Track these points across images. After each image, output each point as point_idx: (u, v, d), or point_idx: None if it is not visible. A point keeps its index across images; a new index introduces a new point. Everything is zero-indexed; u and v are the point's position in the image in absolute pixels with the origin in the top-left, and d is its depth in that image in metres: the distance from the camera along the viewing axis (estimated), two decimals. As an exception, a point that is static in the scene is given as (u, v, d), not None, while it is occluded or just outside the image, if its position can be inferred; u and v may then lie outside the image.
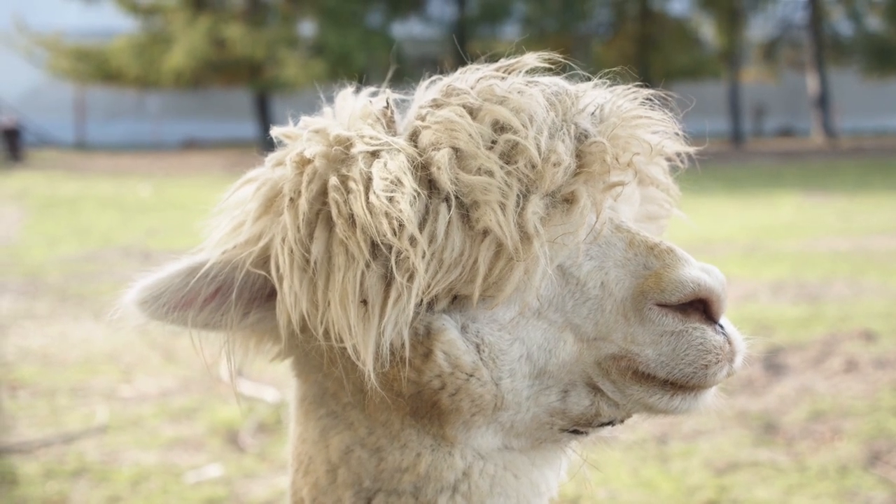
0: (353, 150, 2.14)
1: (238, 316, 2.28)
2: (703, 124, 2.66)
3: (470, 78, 2.25)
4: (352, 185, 2.08)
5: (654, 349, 2.09)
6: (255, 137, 51.24)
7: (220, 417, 8.84)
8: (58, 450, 8.09)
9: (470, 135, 2.06)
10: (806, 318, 12.31)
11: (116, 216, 25.06)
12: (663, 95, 2.33)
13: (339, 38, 46.18)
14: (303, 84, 43.23)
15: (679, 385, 2.12)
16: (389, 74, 2.52)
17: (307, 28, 51.55)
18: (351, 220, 2.06)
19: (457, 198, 2.04)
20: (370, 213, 2.03)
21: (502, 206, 2.00)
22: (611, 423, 2.22)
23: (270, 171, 2.33)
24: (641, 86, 2.33)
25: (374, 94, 2.41)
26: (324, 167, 2.15)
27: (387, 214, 2.01)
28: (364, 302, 2.06)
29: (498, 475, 2.28)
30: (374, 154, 2.11)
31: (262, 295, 2.29)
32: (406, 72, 2.47)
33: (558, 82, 2.24)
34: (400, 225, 2.00)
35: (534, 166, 2.04)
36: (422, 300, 2.05)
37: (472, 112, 2.11)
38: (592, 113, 2.17)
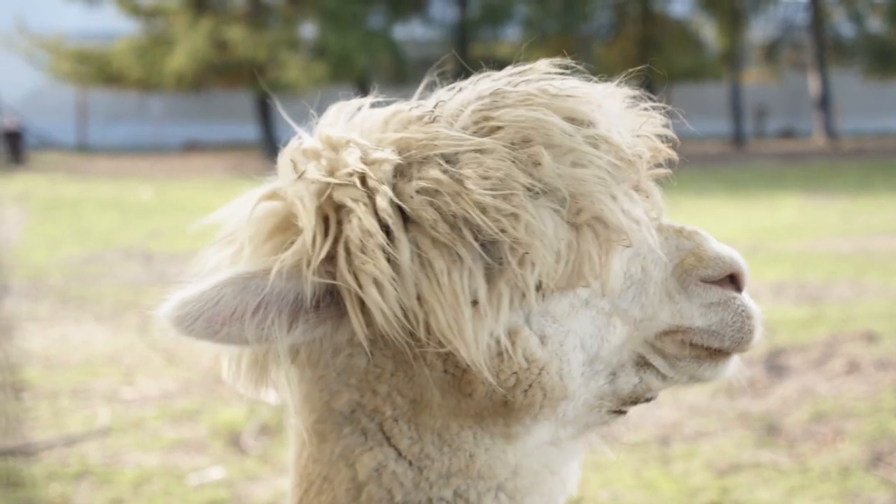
0: (425, 154, 2.12)
1: (286, 328, 2.15)
2: (704, 125, 2.67)
3: (502, 81, 2.27)
4: (441, 187, 2.06)
5: (703, 320, 2.27)
6: (257, 140, 51.28)
7: (222, 419, 8.84)
8: (60, 452, 8.09)
9: (560, 130, 2.09)
10: (808, 320, 12.30)
11: (118, 218, 25.08)
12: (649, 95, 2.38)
13: (341, 40, 46.16)
14: (304, 86, 43.22)
15: (723, 351, 2.30)
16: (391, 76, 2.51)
17: (308, 30, 51.53)
18: (453, 221, 2.04)
19: (555, 191, 2.06)
20: (483, 211, 2.02)
21: (608, 194, 2.07)
22: (652, 398, 2.35)
23: (314, 176, 2.18)
24: (642, 87, 2.35)
25: (378, 103, 2.40)
26: (391, 172, 2.11)
27: (503, 211, 2.01)
28: (475, 302, 2.05)
29: (538, 471, 2.32)
30: (454, 157, 2.10)
31: (306, 307, 2.16)
32: (407, 73, 2.45)
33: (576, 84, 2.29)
34: (518, 218, 2.01)
35: (621, 157, 2.12)
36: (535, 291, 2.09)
37: (548, 108, 2.14)
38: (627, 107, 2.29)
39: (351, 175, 2.11)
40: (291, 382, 2.36)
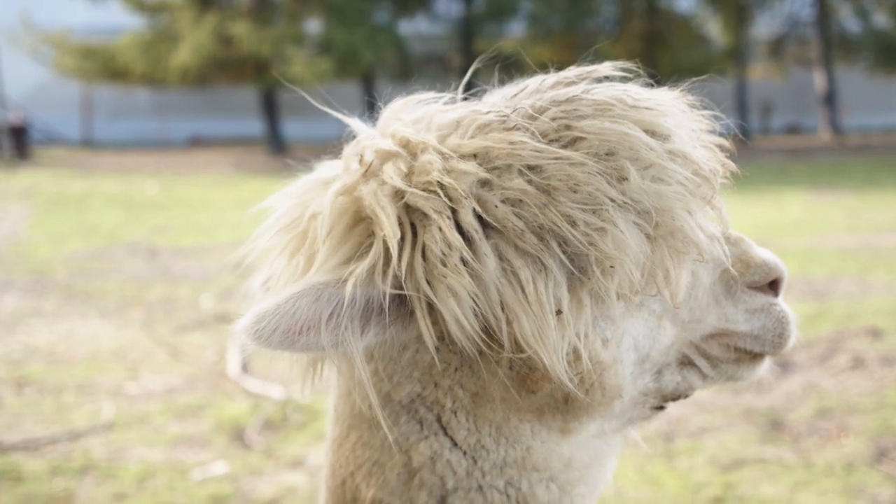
0: (506, 163, 2.10)
1: (359, 334, 2.15)
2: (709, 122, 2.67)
3: (565, 88, 2.26)
4: (526, 198, 2.06)
5: (747, 325, 2.37)
6: (262, 135, 51.31)
7: (226, 415, 8.85)
8: (64, 447, 8.10)
9: (647, 145, 2.10)
10: (813, 316, 12.28)
11: (123, 214, 25.10)
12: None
13: (346, 35, 46.16)
14: (309, 81, 43.22)
15: (761, 354, 2.42)
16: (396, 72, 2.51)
17: (313, 25, 51.52)
18: (540, 232, 2.05)
19: (637, 205, 2.07)
20: (572, 224, 2.03)
21: (688, 210, 2.11)
22: (689, 395, 2.46)
23: (394, 182, 2.15)
24: (652, 83, 2.35)
25: (434, 99, 2.43)
26: (475, 184, 2.11)
27: (592, 225, 2.03)
28: (559, 311, 2.07)
29: (588, 463, 2.40)
30: (537, 167, 2.09)
31: (378, 311, 2.16)
32: (412, 69, 2.44)
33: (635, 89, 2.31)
34: (604, 234, 2.03)
35: (699, 174, 2.15)
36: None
37: (630, 121, 2.14)
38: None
39: (433, 184, 2.10)
40: (343, 373, 2.40)
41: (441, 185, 2.09)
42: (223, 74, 50.72)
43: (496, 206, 2.06)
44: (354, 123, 2.42)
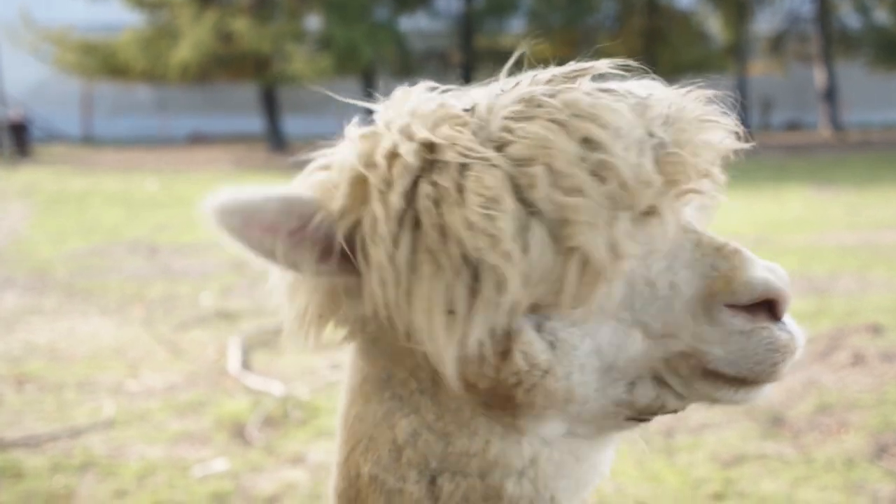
0: (445, 157, 2.13)
1: (313, 261, 2.23)
2: None
3: (546, 85, 2.25)
4: (446, 195, 2.08)
5: (723, 348, 2.13)
6: (262, 132, 51.29)
7: (226, 411, 8.85)
8: (64, 444, 8.11)
9: (564, 153, 2.06)
10: (813, 312, 12.28)
11: (123, 211, 25.10)
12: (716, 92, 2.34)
13: (346, 32, 46.11)
14: (309, 78, 43.20)
15: (746, 381, 2.17)
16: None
17: (313, 22, 51.49)
18: (443, 231, 2.07)
19: (548, 215, 2.05)
20: (468, 227, 2.04)
21: (595, 227, 2.02)
22: (674, 410, 2.28)
23: (355, 152, 2.27)
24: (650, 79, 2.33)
25: (434, 89, 2.41)
26: (413, 170, 2.14)
27: (484, 231, 2.03)
28: (451, 312, 2.08)
29: (562, 460, 2.32)
30: (466, 166, 2.10)
31: (339, 253, 2.23)
32: (413, 65, 2.44)
33: (633, 88, 2.25)
34: (497, 241, 2.02)
35: (625, 186, 2.05)
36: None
37: (563, 127, 2.11)
38: (665, 119, 2.18)
39: (379, 160, 2.17)
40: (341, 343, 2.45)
41: (386, 162, 2.15)
42: (223, 71, 50.66)
43: (424, 202, 2.09)
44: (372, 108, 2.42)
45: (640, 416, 2.28)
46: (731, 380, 2.17)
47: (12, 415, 8.84)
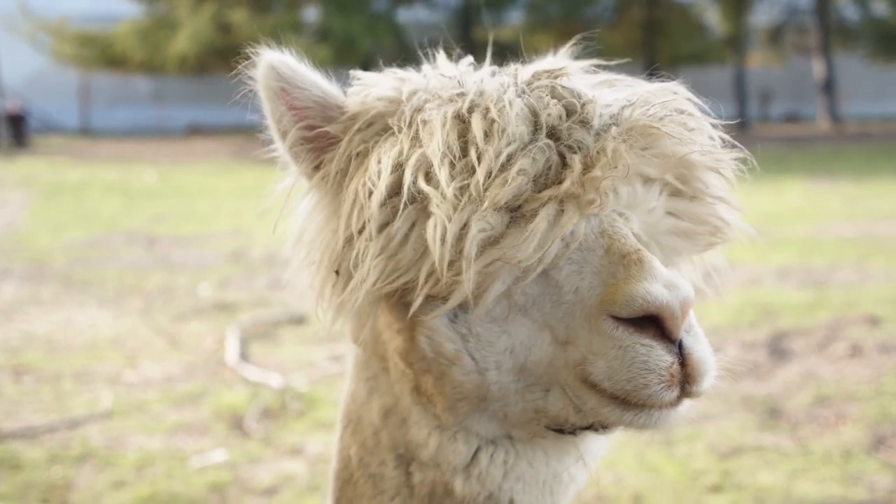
0: (393, 126, 2.21)
1: (308, 164, 2.35)
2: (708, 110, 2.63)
3: (487, 78, 2.28)
4: (363, 158, 2.20)
5: (605, 361, 2.01)
6: (260, 124, 51.21)
7: (224, 403, 8.85)
8: (62, 435, 8.11)
9: (440, 144, 2.05)
10: (811, 304, 12.29)
11: (122, 202, 25.08)
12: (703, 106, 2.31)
13: (344, 23, 46.12)
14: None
15: (625, 400, 2.04)
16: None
17: (311, 13, 51.45)
18: (352, 195, 2.15)
19: (419, 204, 2.05)
20: (353, 200, 2.13)
21: (446, 222, 1.99)
22: (590, 428, 2.17)
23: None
24: (652, 74, 2.32)
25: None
26: (377, 121, 2.26)
27: (361, 208, 2.09)
28: (336, 273, 2.18)
29: (511, 462, 2.30)
30: (384, 137, 2.19)
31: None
32: (411, 57, 2.47)
33: (576, 87, 2.18)
34: (365, 222, 2.08)
35: (486, 183, 2.01)
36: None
37: (458, 119, 2.10)
38: (601, 122, 2.11)
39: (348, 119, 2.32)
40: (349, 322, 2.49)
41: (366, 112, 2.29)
42: (221, 62, 50.64)
43: (356, 163, 2.20)
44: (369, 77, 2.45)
45: (558, 427, 2.19)
46: (612, 397, 2.04)
47: (10, 406, 8.83)
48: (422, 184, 2.04)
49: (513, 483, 2.30)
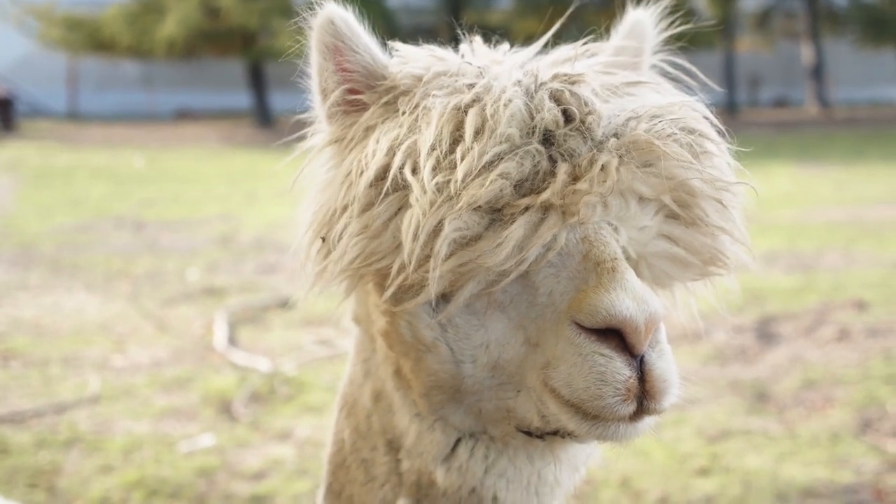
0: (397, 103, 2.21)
1: (339, 125, 2.33)
2: (697, 95, 2.62)
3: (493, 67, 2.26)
4: (365, 143, 2.19)
5: (565, 367, 1.99)
6: (249, 108, 51.09)
7: (212, 387, 8.84)
8: (50, 420, 8.09)
9: (432, 135, 2.04)
10: (799, 288, 12.33)
11: (110, 187, 25.00)
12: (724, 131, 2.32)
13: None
14: (297, 54, 42.95)
15: (581, 410, 2.01)
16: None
17: (300, -3, 51.23)
18: (346, 169, 2.18)
19: (403, 192, 2.05)
20: (346, 174, 2.14)
21: (421, 217, 1.98)
22: (557, 434, 2.16)
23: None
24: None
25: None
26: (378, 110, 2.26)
27: (351, 184, 2.10)
28: (323, 239, 2.17)
29: (492, 458, 2.29)
30: (390, 117, 2.19)
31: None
32: (400, 41, 2.46)
33: (585, 95, 2.12)
34: (352, 199, 2.09)
35: (465, 182, 1.98)
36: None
37: (457, 111, 2.08)
38: (604, 132, 2.07)
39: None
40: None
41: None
42: (210, 47, 50.46)
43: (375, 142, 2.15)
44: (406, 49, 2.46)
45: (526, 429, 2.18)
46: (570, 404, 2.02)
47: (-2, 390, 8.82)
48: (407, 173, 2.02)
49: (495, 479, 2.29)
